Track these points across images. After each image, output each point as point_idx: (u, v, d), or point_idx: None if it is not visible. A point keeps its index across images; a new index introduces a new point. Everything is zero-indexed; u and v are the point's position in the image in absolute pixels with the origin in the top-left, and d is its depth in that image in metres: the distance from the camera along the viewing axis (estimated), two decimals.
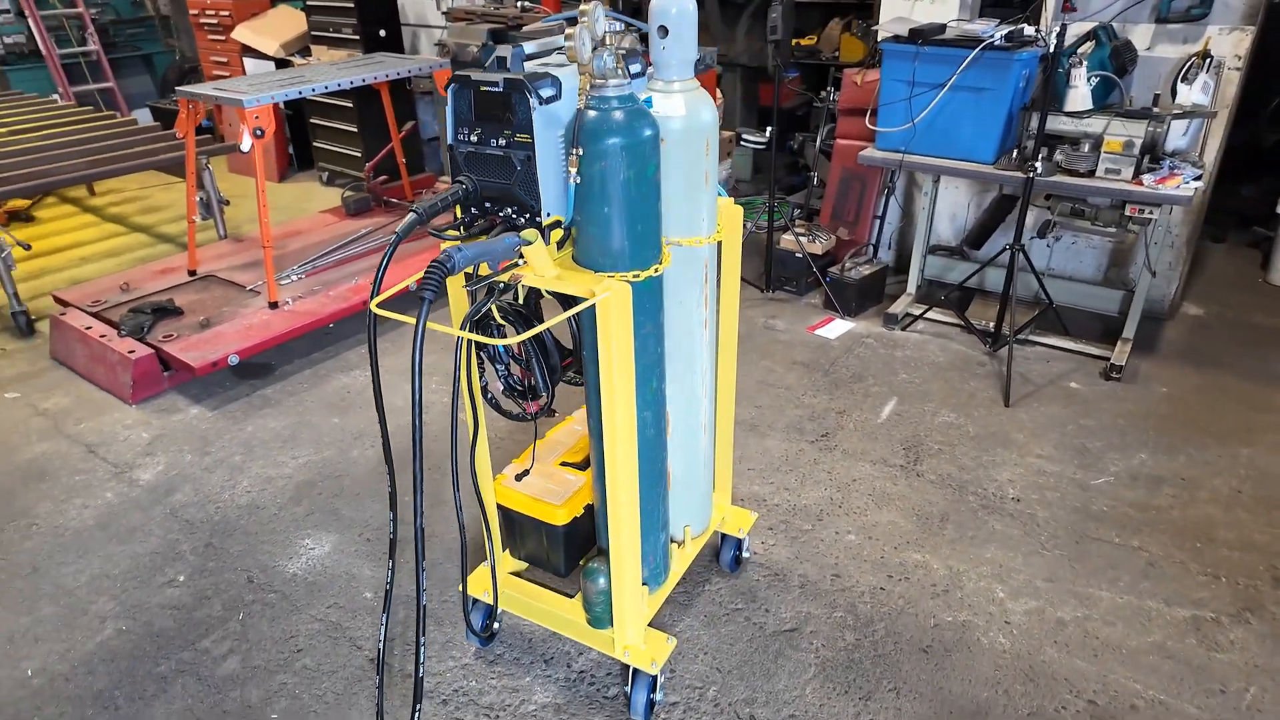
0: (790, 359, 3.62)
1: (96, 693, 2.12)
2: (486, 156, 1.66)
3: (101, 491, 2.88)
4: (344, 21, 5.48)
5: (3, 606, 2.40)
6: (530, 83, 1.56)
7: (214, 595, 2.43)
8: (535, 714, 2.05)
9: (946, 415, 3.18)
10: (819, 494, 2.78)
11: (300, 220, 4.87)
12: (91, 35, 7.12)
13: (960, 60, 3.24)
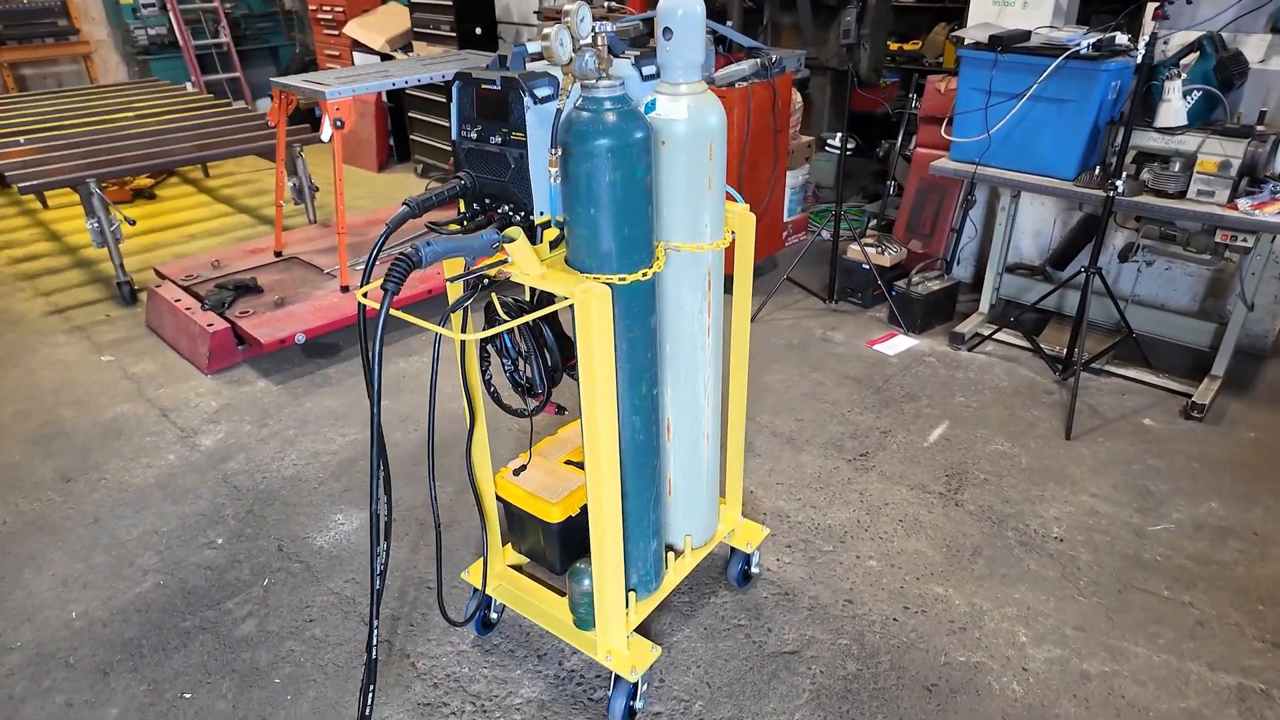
0: (843, 373, 3.51)
1: (126, 640, 2.28)
2: (485, 153, 1.68)
3: (165, 453, 3.08)
4: (442, 19, 5.67)
5: (63, 551, 2.60)
6: (525, 82, 1.57)
7: (245, 560, 2.56)
8: (519, 708, 2.07)
9: (999, 444, 3.01)
10: (846, 515, 2.68)
11: (384, 210, 5.07)
12: (224, 28, 7.64)
13: (1041, 69, 3.06)
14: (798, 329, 3.89)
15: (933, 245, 4.09)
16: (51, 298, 4.42)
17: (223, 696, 2.10)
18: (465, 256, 1.53)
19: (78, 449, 3.12)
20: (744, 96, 3.80)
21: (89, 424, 3.28)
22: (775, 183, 4.21)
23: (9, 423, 3.30)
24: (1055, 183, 3.18)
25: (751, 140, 3.93)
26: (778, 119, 4.05)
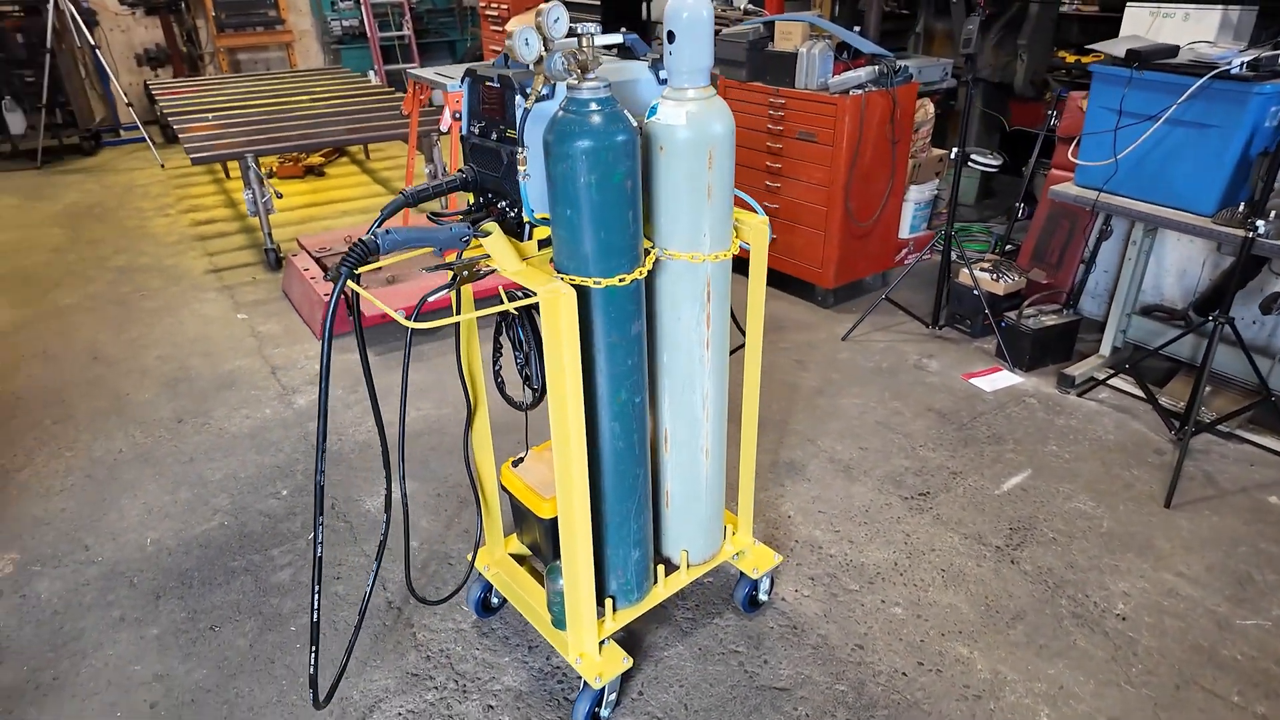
0: (926, 404, 3.28)
1: (182, 570, 2.52)
2: (485, 149, 1.72)
3: (264, 407, 3.38)
4: (588, 18, 5.80)
5: (157, 484, 2.92)
6: (520, 81, 1.59)
7: (300, 513, 2.76)
8: (497, 694, 2.10)
9: (1082, 502, 2.71)
10: (884, 555, 2.51)
11: None
12: (407, 22, 8.23)
13: (1182, 90, 2.71)
14: (891, 353, 3.68)
15: (1059, 276, 3.74)
16: (214, 258, 4.96)
17: (244, 635, 2.29)
18: (432, 247, 1.57)
19: (196, 394, 3.49)
20: (857, 105, 3.63)
21: (211, 373, 3.65)
22: (889, 197, 3.99)
23: (151, 365, 3.74)
24: (1189, 217, 2.81)
25: (864, 150, 3.75)
26: (896, 130, 3.83)
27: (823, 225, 3.93)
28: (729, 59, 4.12)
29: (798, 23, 3.80)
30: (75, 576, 2.50)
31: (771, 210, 4.14)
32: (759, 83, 4.01)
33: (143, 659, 2.21)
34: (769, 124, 4.00)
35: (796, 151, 3.93)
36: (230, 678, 2.16)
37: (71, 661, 2.21)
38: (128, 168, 6.90)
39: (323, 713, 2.05)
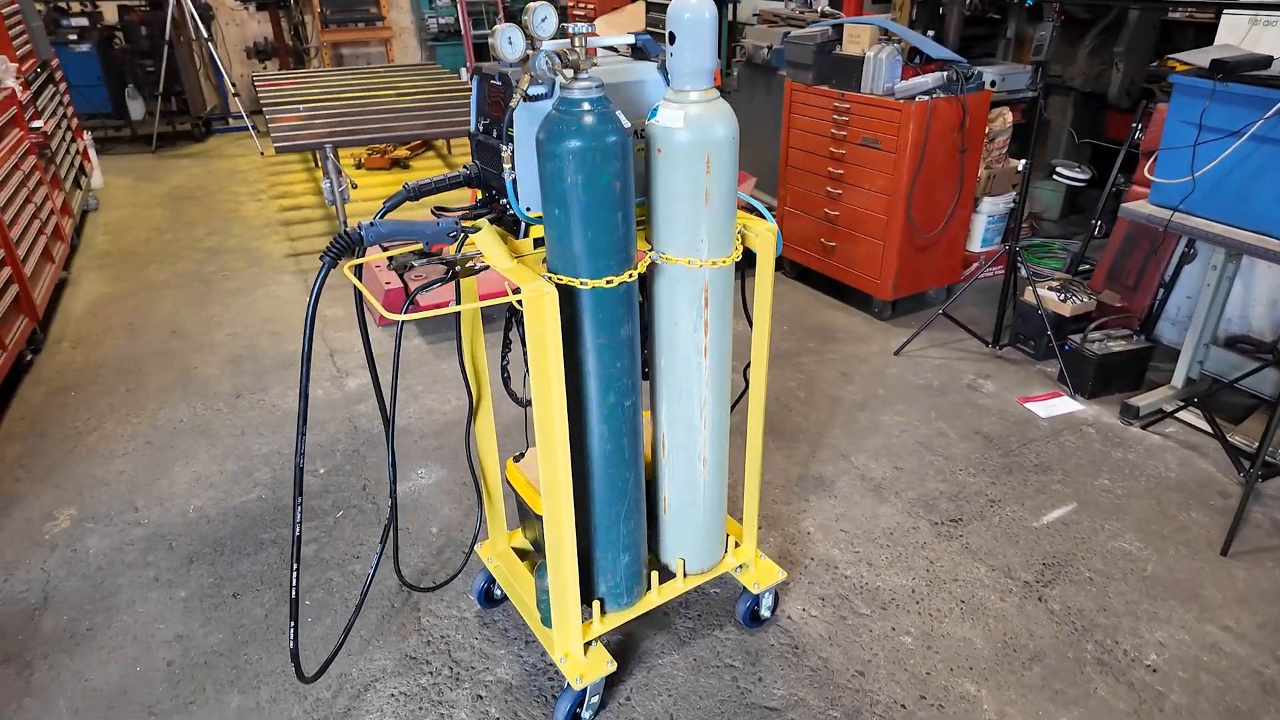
0: (974, 427, 3.14)
1: (217, 538, 2.66)
2: (488, 145, 1.73)
3: (316, 388, 3.52)
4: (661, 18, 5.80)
5: (208, 454, 3.08)
6: (517, 79, 1.60)
7: (333, 491, 2.86)
8: (488, 685, 2.13)
9: (1128, 541, 2.54)
10: (902, 581, 2.42)
11: None
12: (499, 19, 8.41)
13: (1269, 105, 2.50)
14: (944, 370, 3.53)
15: (1134, 300, 3.50)
16: (295, 243, 5.19)
17: (262, 604, 2.39)
18: (419, 241, 1.60)
19: (257, 372, 3.66)
20: (923, 111, 3.50)
21: (275, 353, 3.83)
22: (956, 208, 3.83)
23: (221, 341, 3.95)
24: (1272, 244, 2.59)
25: (929, 159, 3.61)
26: (966, 139, 3.68)
27: (883, 235, 3.80)
28: (796, 61, 4.04)
29: (867, 25, 3.69)
30: (122, 536, 2.66)
31: (832, 217, 4.04)
32: (825, 86, 3.91)
33: (168, 619, 2.34)
34: (833, 129, 3.90)
35: (859, 158, 3.82)
36: (243, 644, 2.25)
37: (106, 615, 2.35)
38: (231, 154, 7.31)
39: (321, 687, 2.12)
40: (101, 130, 7.45)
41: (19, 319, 3.60)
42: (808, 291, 4.35)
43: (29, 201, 4.07)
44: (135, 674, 2.16)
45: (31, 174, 4.23)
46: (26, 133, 4.34)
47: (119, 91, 7.30)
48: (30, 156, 4.30)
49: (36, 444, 3.15)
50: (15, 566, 2.53)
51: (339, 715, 2.04)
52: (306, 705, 2.07)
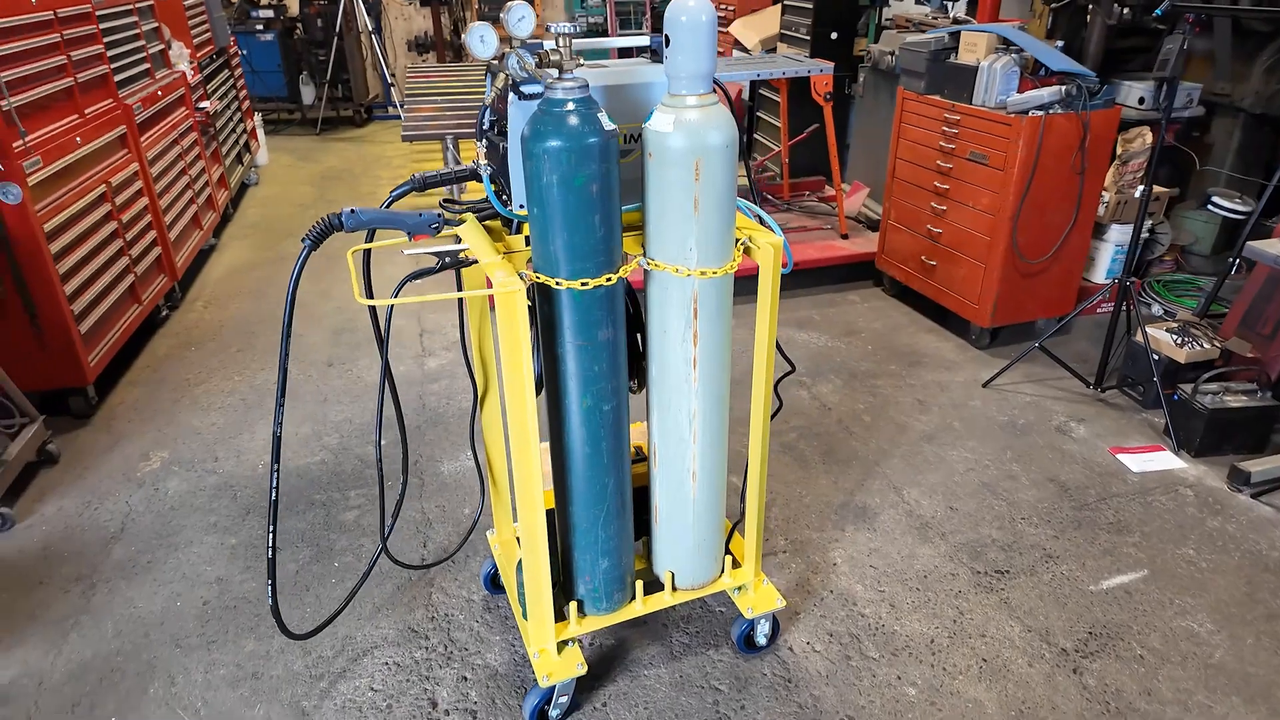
0: (1050, 473, 2.87)
1: None
2: (492, 142, 1.77)
3: (399, 365, 3.72)
4: (803, 21, 5.66)
5: (289, 416, 3.31)
6: (515, 78, 1.62)
7: (386, 463, 3.01)
8: (476, 669, 2.17)
9: (1199, 622, 2.24)
10: (923, 628, 2.25)
11: None
12: (647, 21, 8.51)
13: None
14: (1033, 409, 3.25)
15: (1269, 351, 3.08)
16: None
17: (295, 560, 2.55)
18: (401, 230, 1.65)
19: (352, 344, 3.91)
20: (1035, 127, 3.23)
21: (371, 328, 4.06)
22: (1071, 234, 3.51)
23: (327, 313, 4.24)
24: None
25: (1040, 179, 3.33)
26: (1087, 159, 3.36)
27: (984, 257, 3.55)
28: (910, 69, 3.84)
29: (984, 34, 3.45)
30: (198, 482, 2.92)
31: (934, 234, 3.81)
32: (936, 96, 3.69)
33: (214, 562, 2.54)
34: (941, 141, 3.68)
35: (966, 173, 3.58)
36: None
37: (165, 552, 2.59)
38: (383, 140, 7.82)
39: (325, 646, 2.24)
40: (275, 113, 8.18)
41: (159, 278, 4.01)
42: (905, 311, 4.13)
43: (184, 174, 4.53)
44: (174, 608, 2.37)
45: (191, 149, 4.71)
46: (192, 112, 4.83)
47: (294, 78, 7.99)
48: (192, 133, 4.78)
49: (152, 391, 3.51)
50: (106, 497, 2.84)
51: (334, 674, 2.15)
52: (309, 660, 2.20)
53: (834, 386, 3.45)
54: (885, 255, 4.23)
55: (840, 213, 4.55)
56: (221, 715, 2.04)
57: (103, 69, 3.63)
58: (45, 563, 2.54)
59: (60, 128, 3.21)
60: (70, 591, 2.43)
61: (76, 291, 3.19)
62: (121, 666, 2.18)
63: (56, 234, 3.09)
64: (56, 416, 3.26)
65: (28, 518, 2.73)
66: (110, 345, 3.41)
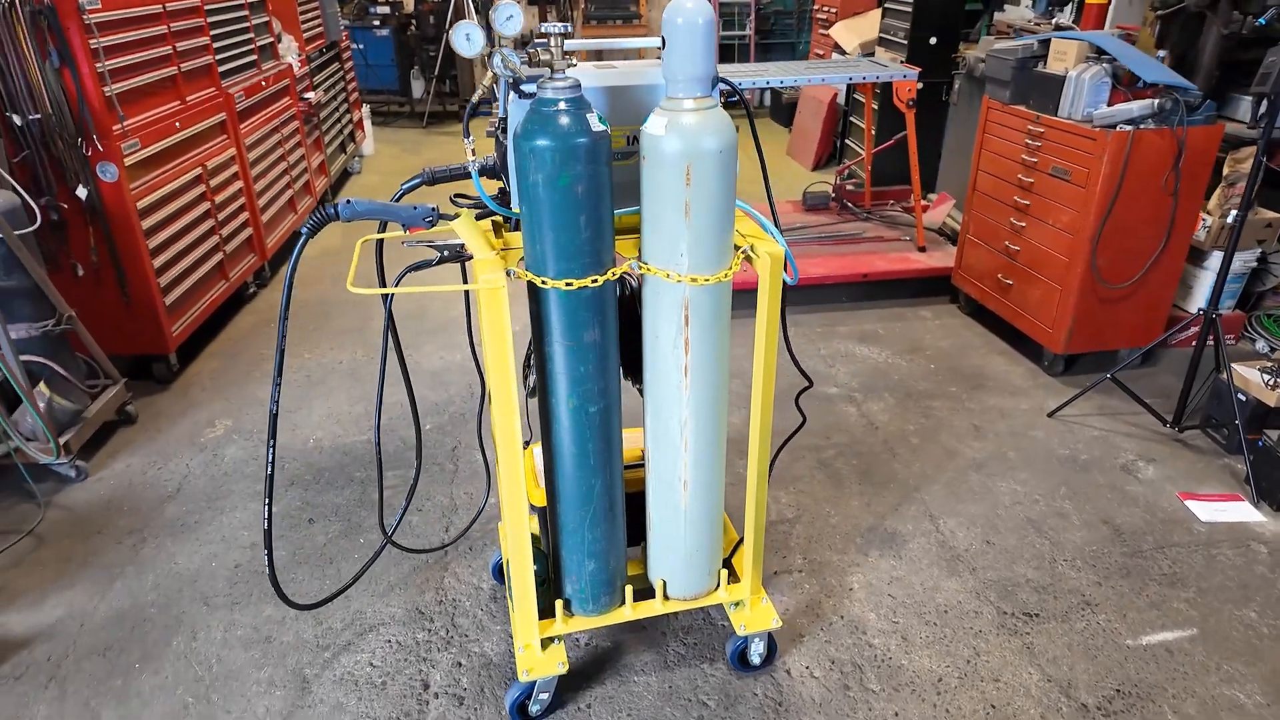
0: (1105, 515, 2.67)
1: (319, 469, 2.99)
2: (500, 140, 1.79)
3: (456, 352, 3.82)
4: (901, 25, 5.46)
5: (347, 395, 3.47)
6: (517, 77, 1.64)
7: (428, 447, 3.10)
8: (471, 656, 2.21)
9: (1246, 691, 2.04)
10: (932, 665, 2.14)
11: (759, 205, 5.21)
12: (750, 21, 8.42)
13: None
14: (1100, 444, 3.03)
15: None
16: None
17: (325, 533, 2.66)
18: (396, 222, 1.69)
19: (417, 330, 4.04)
20: (1122, 143, 3.01)
21: (438, 316, 4.20)
22: (1160, 259, 3.25)
23: (400, 300, 4.40)
24: None
25: (1125, 199, 3.11)
26: (1181, 179, 3.10)
27: (1061, 279, 3.33)
28: (995, 77, 3.65)
29: (1075, 41, 3.24)
30: (252, 451, 3.09)
31: (1012, 252, 3.61)
32: (1021, 106, 3.50)
33: (252, 528, 2.69)
34: (1023, 154, 3.48)
35: (1047, 189, 3.37)
36: (297, 564, 2.53)
37: (211, 514, 2.75)
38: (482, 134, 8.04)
39: (336, 618, 2.33)
40: (386, 105, 8.54)
41: (248, 256, 4.27)
42: (978, 331, 3.93)
43: (282, 160, 4.80)
44: (209, 568, 2.52)
45: (291, 137, 4.98)
46: (295, 102, 5.11)
47: (405, 72, 8.32)
48: (294, 122, 5.06)
49: (230, 362, 3.74)
50: (170, 459, 3.04)
51: (339, 646, 2.24)
52: (319, 630, 2.29)
53: (886, 405, 3.32)
54: (962, 271, 4.04)
55: (918, 224, 4.37)
56: (231, 674, 2.15)
57: (207, 59, 3.89)
58: (106, 514, 2.74)
59: (160, 113, 3.46)
60: (122, 543, 2.62)
61: (165, 265, 3.43)
62: (153, 618, 2.33)
63: (149, 211, 3.33)
64: (141, 380, 3.52)
65: (99, 471, 2.96)
66: (194, 317, 3.65)
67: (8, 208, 2.72)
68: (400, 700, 2.08)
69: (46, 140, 3.02)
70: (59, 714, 2.04)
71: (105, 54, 3.06)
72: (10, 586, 2.44)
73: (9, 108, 2.95)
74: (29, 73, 2.91)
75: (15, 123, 2.97)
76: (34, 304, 2.84)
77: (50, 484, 2.88)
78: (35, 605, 2.38)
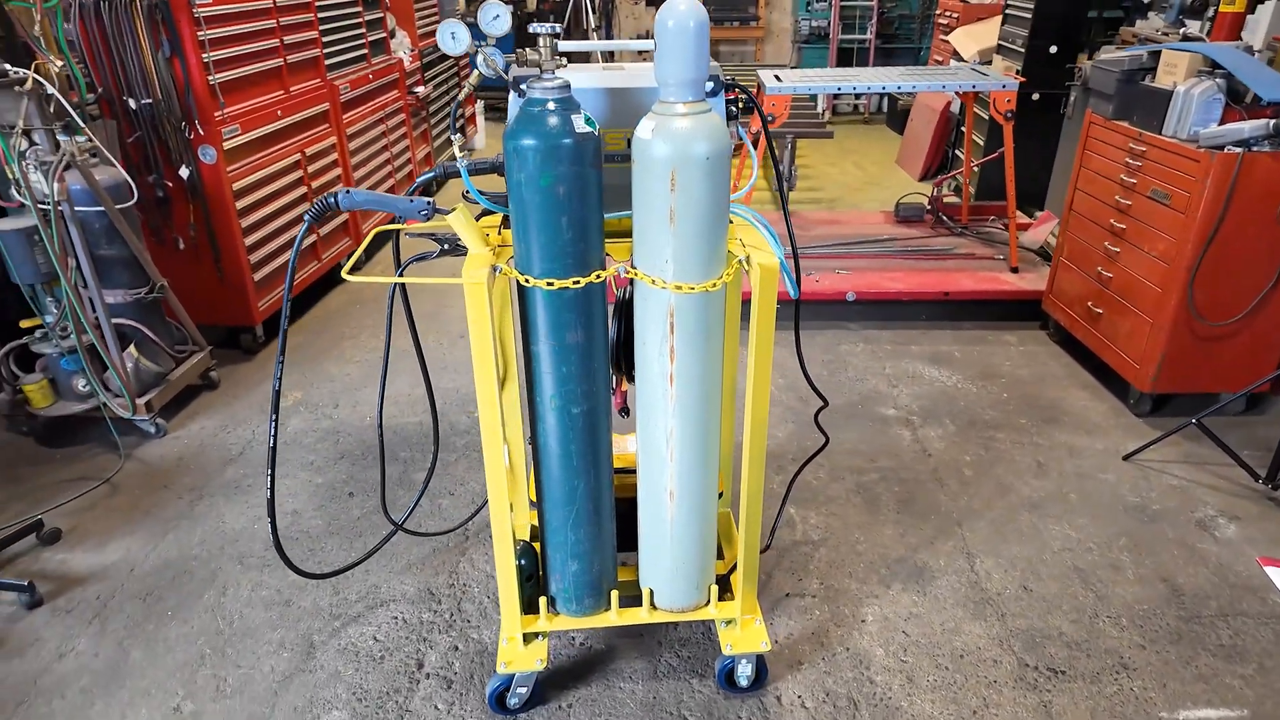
0: (1165, 572, 2.44)
1: (368, 446, 3.13)
2: None
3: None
4: (1020, 33, 5.16)
5: (408, 379, 3.60)
6: (518, 77, 1.66)
7: (471, 433, 3.18)
8: (470, 640, 2.25)
9: None
10: (934, 712, 2.02)
11: (849, 213, 5.05)
12: (872, 25, 8.17)
13: None
14: (1177, 495, 2.77)
15: None
16: None
17: (360, 508, 2.78)
18: (393, 214, 1.73)
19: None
20: (1229, 166, 2.73)
21: None
22: (1271, 295, 2.93)
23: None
24: None
25: (1230, 227, 2.82)
26: None
27: (1153, 311, 3.06)
28: (1099, 90, 3.39)
29: (1187, 53, 2.96)
30: (314, 423, 3.27)
31: (1104, 278, 3.34)
32: (1124, 122, 3.23)
33: (297, 495, 2.84)
34: (1122, 174, 3.22)
35: (1145, 213, 3.10)
36: (329, 534, 2.66)
37: (263, 481, 2.93)
38: None
39: (350, 589, 2.43)
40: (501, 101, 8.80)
41: (342, 240, 4.51)
42: (1064, 362, 3.67)
43: (385, 150, 5.04)
44: (251, 529, 2.68)
45: (397, 129, 5.22)
46: (404, 95, 5.35)
47: None
48: (400, 115, 5.30)
49: (312, 339, 3.97)
50: (240, 424, 3.26)
51: (350, 617, 2.33)
52: (336, 599, 2.40)
53: (944, 432, 3.15)
54: (1053, 295, 3.78)
55: (1012, 243, 4.12)
56: (248, 631, 2.28)
57: (314, 53, 4.13)
58: (174, 470, 2.97)
59: (262, 102, 3.70)
60: (183, 498, 2.83)
61: (256, 244, 3.68)
62: (193, 571, 2.50)
63: (245, 192, 3.57)
64: (229, 350, 3.79)
65: (177, 430, 3.21)
66: (282, 294, 3.89)
67: (112, 183, 2.98)
68: (393, 676, 2.14)
69: (156, 123, 3.29)
70: (95, 648, 2.23)
71: (210, 45, 3.31)
72: (81, 528, 2.68)
73: (126, 92, 3.24)
74: (144, 61, 3.19)
75: (131, 106, 3.26)
76: (131, 272, 3.11)
77: (134, 438, 3.14)
78: (98, 547, 2.60)
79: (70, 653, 2.22)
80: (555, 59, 1.54)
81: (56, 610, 2.36)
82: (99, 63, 3.18)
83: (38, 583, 2.42)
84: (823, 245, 4.42)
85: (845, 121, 8.37)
